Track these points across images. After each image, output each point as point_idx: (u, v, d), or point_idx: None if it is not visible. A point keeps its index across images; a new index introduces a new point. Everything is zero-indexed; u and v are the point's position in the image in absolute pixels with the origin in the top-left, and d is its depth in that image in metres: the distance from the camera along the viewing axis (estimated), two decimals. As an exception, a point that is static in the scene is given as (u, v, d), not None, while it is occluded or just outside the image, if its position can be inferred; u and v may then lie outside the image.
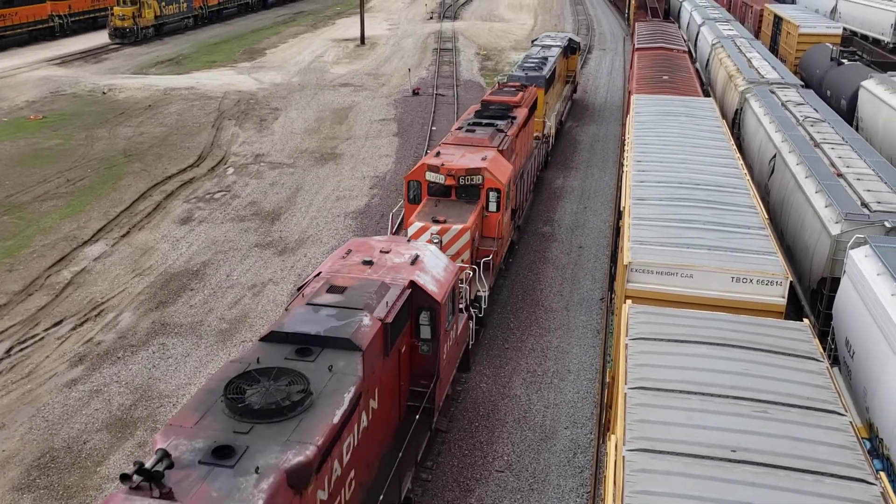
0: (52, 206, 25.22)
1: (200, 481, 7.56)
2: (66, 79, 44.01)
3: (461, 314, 14.03)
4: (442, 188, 17.58)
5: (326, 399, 8.93)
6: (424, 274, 12.24)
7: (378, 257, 12.56)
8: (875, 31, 51.68)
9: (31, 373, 16.30)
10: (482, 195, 17.56)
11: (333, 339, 9.91)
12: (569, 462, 13.90)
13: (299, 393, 8.81)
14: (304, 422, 8.53)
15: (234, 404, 8.57)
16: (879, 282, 11.79)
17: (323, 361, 9.59)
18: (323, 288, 11.16)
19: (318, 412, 8.70)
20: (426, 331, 12.10)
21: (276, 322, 10.42)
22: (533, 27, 65.85)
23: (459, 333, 13.80)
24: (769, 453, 7.87)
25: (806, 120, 21.26)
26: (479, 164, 17.56)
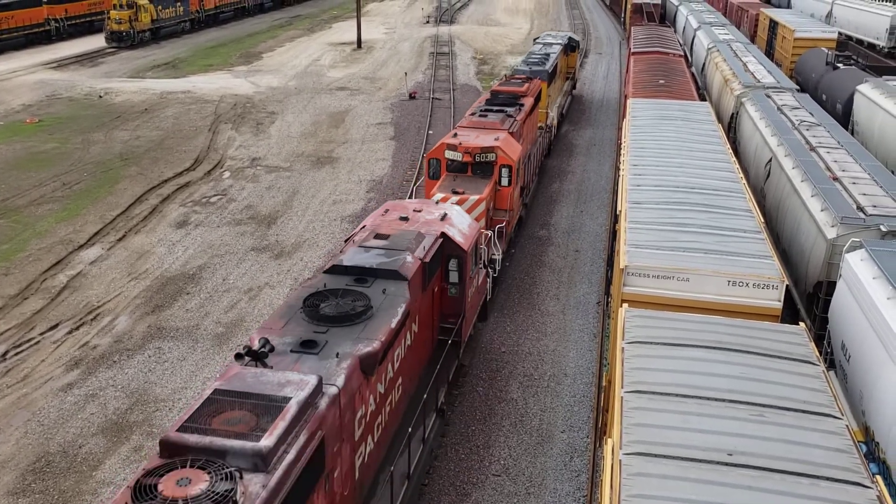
0: (48, 209, 25.18)
1: (294, 363, 9.61)
2: (62, 82, 43.97)
3: (481, 269, 16.03)
4: (459, 165, 19.74)
5: (383, 312, 11.04)
6: (452, 228, 14.32)
7: (412, 215, 14.58)
8: (870, 36, 51.86)
9: (26, 377, 16.26)
10: (495, 171, 19.68)
11: (384, 270, 12.04)
12: (565, 466, 13.90)
13: (363, 306, 10.93)
14: (369, 326, 10.62)
15: (312, 313, 10.68)
16: (875, 285, 11.80)
17: (377, 287, 11.66)
18: (370, 235, 13.38)
19: (378, 320, 10.81)
20: (454, 276, 14.23)
21: (335, 258, 12.64)
22: (529, 31, 65.94)
23: (480, 284, 15.97)
24: (765, 457, 7.88)
25: (801, 124, 21.31)
26: (493, 144, 19.75)
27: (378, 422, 10.93)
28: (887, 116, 23.92)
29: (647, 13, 56.17)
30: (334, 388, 9.16)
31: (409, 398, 12.33)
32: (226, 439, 7.77)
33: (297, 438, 8.17)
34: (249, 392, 8.49)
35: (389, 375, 11.16)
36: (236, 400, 8.37)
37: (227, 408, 8.24)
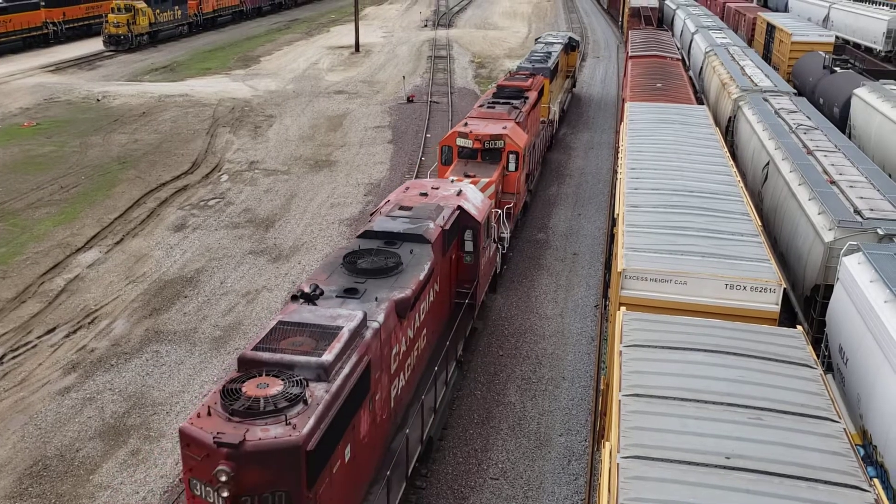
0: (45, 213, 25.16)
1: (340, 305, 11.14)
2: (60, 86, 43.96)
3: (492, 243, 17.62)
4: (470, 151, 21.25)
5: (412, 268, 12.69)
6: (467, 202, 15.90)
7: (431, 191, 16.19)
8: (867, 40, 51.97)
9: (23, 380, 16.23)
10: (503, 157, 21.20)
11: (411, 234, 13.69)
12: (563, 469, 13.89)
13: (394, 262, 12.61)
14: (400, 278, 12.28)
15: (351, 267, 12.38)
16: (872, 289, 11.81)
17: (405, 248, 13.27)
18: (395, 207, 15.12)
19: (407, 274, 12.45)
20: (469, 245, 15.88)
21: (366, 226, 14.28)
22: (527, 35, 66.04)
23: (491, 256, 17.60)
24: (763, 460, 7.87)
25: (799, 127, 21.34)
26: (501, 132, 21.28)
27: (408, 363, 12.62)
28: (884, 120, 23.96)
29: (645, 17, 56.26)
30: (376, 324, 10.84)
31: (431, 351, 14.00)
32: (293, 356, 9.53)
33: (350, 359, 9.90)
34: (308, 322, 10.29)
35: (417, 323, 12.86)
36: (297, 328, 10.16)
37: (290, 335, 10.00)
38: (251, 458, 8.32)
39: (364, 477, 10.69)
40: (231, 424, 8.54)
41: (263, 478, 8.45)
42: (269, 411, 8.66)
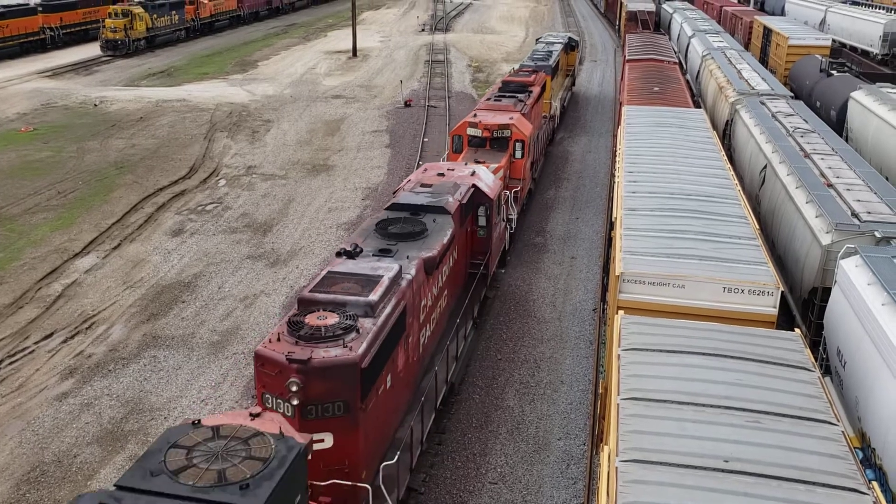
0: (42, 218, 25.13)
1: (376, 261, 12.74)
2: (57, 91, 43.96)
3: (502, 222, 19.15)
4: (479, 140, 22.77)
5: (435, 234, 14.36)
6: (481, 181, 17.52)
7: (447, 172, 17.79)
8: (864, 43, 52.07)
9: (21, 386, 16.20)
10: (510, 145, 22.75)
11: (433, 206, 15.37)
12: (562, 473, 13.87)
13: (421, 228, 14.38)
14: (426, 241, 14.00)
15: (383, 232, 14.11)
16: (870, 291, 11.82)
17: (428, 218, 14.87)
18: (417, 184, 16.90)
19: (432, 238, 14.16)
20: (482, 220, 17.54)
21: (392, 200, 15.99)
22: (525, 39, 66.14)
23: (501, 232, 19.29)
24: (762, 463, 7.87)
25: (796, 131, 21.38)
26: (508, 121, 22.96)
27: (433, 316, 14.33)
28: (881, 123, 24.01)
29: (642, 21, 56.37)
30: (409, 276, 12.59)
31: (451, 311, 15.71)
32: (345, 296, 11.32)
33: (390, 301, 11.59)
34: (353, 272, 12.08)
35: (440, 283, 14.55)
36: (345, 276, 11.93)
37: (339, 281, 11.78)
38: (317, 372, 9.96)
39: (401, 405, 12.54)
40: (298, 347, 10.21)
41: (326, 389, 10.07)
42: (329, 337, 10.38)
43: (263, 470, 7.44)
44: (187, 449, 7.66)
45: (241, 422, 8.22)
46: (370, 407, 10.69)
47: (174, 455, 7.59)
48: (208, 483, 7.21)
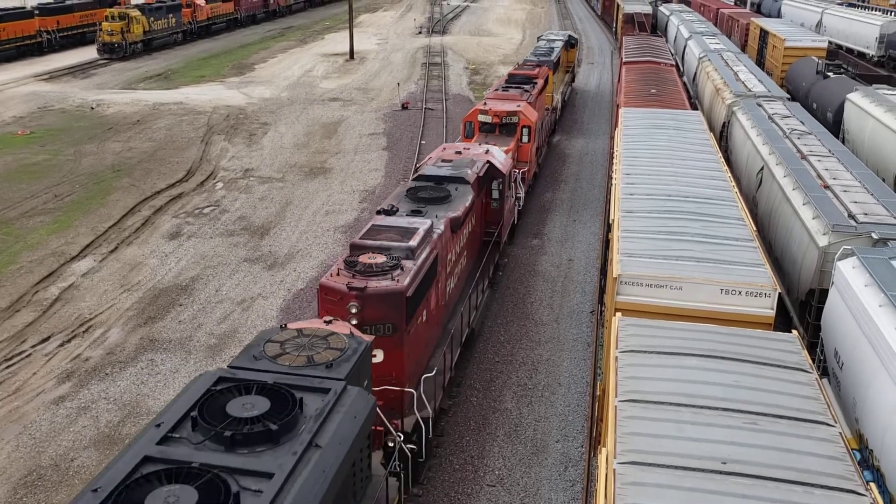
0: (39, 221, 25.10)
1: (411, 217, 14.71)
2: (54, 94, 43.92)
3: (511, 197, 21.25)
4: (489, 126, 24.89)
5: (458, 199, 16.35)
6: (494, 158, 19.46)
7: (464, 151, 19.89)
8: (860, 45, 52.19)
9: (17, 390, 16.16)
10: (518, 131, 24.85)
11: (455, 177, 17.37)
12: (560, 476, 13.87)
13: (446, 194, 16.30)
14: (451, 205, 15.99)
15: (413, 197, 16.07)
16: (867, 293, 11.83)
17: (451, 187, 16.79)
18: (438, 160, 19.04)
19: (455, 203, 16.17)
20: (496, 193, 19.55)
21: (418, 172, 18.21)
22: (521, 42, 66.21)
23: (511, 206, 21.35)
24: (759, 465, 7.87)
25: (793, 132, 21.41)
26: (516, 108, 25.15)
27: (456, 270, 16.28)
28: (877, 125, 24.05)
29: (639, 23, 56.46)
30: (439, 230, 14.64)
31: (469, 271, 17.60)
32: (389, 242, 13.34)
33: (425, 248, 13.62)
34: (394, 225, 14.13)
35: (462, 243, 16.54)
36: (387, 228, 13.97)
37: (382, 232, 13.80)
38: (371, 298, 11.98)
39: (432, 340, 14.52)
40: (355, 279, 12.18)
41: (379, 313, 12.02)
42: (379, 272, 12.37)
43: (341, 356, 9.43)
44: (280, 343, 9.69)
45: (319, 326, 10.43)
46: (412, 331, 12.75)
47: (271, 346, 9.60)
48: (300, 364, 9.22)
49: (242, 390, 8.29)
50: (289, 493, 6.95)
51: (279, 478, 7.02)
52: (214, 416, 7.74)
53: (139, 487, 6.79)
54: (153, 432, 7.62)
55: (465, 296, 16.54)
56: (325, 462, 7.55)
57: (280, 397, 8.10)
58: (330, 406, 8.25)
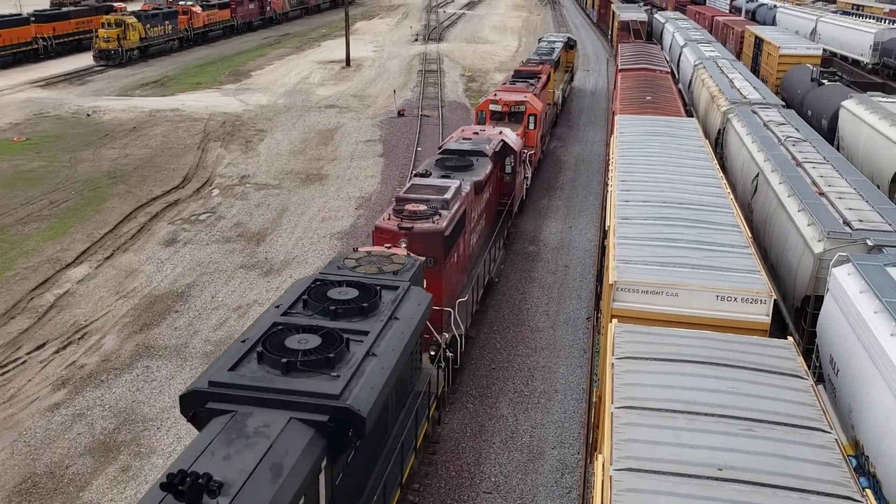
0: (35, 228, 25.06)
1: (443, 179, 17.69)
2: (50, 101, 43.90)
3: (521, 174, 24.02)
4: (499, 114, 27.86)
5: (479, 168, 19.37)
6: (507, 138, 22.62)
7: (480, 131, 22.96)
8: (854, 52, 52.42)
9: (12, 397, 16.11)
10: (525, 119, 27.94)
11: (475, 151, 20.51)
12: (556, 482, 13.85)
13: (468, 163, 19.39)
14: (473, 172, 18.94)
15: (442, 165, 19.18)
16: (862, 299, 11.86)
17: (472, 158, 19.87)
18: (459, 138, 21.98)
19: (477, 170, 19.16)
20: (508, 168, 22.76)
21: (443, 147, 21.19)
22: (517, 49, 66.36)
23: (520, 181, 24.15)
24: (756, 471, 7.87)
25: (788, 139, 21.47)
26: (523, 98, 28.35)
27: (477, 228, 19.12)
28: (872, 132, 24.14)
29: (634, 30, 56.60)
30: (465, 190, 17.45)
31: (486, 235, 20.28)
32: (428, 195, 16.31)
33: (456, 202, 16.49)
34: (430, 184, 17.19)
35: (481, 206, 19.37)
36: (424, 186, 16.99)
37: (421, 189, 16.77)
38: (417, 236, 14.96)
39: (461, 280, 17.33)
40: (404, 221, 15.28)
41: (423, 248, 14.68)
42: (422, 217, 15.45)
43: (403, 267, 12.70)
44: (356, 259, 12.91)
45: (382, 250, 13.66)
46: (448, 265, 15.65)
47: (349, 261, 12.82)
48: (373, 272, 12.34)
49: (337, 284, 11.46)
50: (380, 344, 10.15)
51: (372, 335, 10.21)
52: (319, 299, 10.94)
53: (277, 336, 9.87)
54: (275, 311, 10.75)
55: (484, 252, 19.44)
56: (401, 328, 10.75)
57: (365, 289, 11.30)
58: (400, 297, 11.43)
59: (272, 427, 8.35)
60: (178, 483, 7.09)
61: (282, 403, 8.73)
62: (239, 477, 7.52)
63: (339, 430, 8.72)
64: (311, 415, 8.64)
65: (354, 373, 9.30)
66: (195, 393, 8.98)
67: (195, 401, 8.95)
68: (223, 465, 7.70)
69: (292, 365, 9.23)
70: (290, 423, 8.47)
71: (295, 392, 8.84)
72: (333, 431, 8.68)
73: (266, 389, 8.89)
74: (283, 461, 7.92)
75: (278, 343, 9.62)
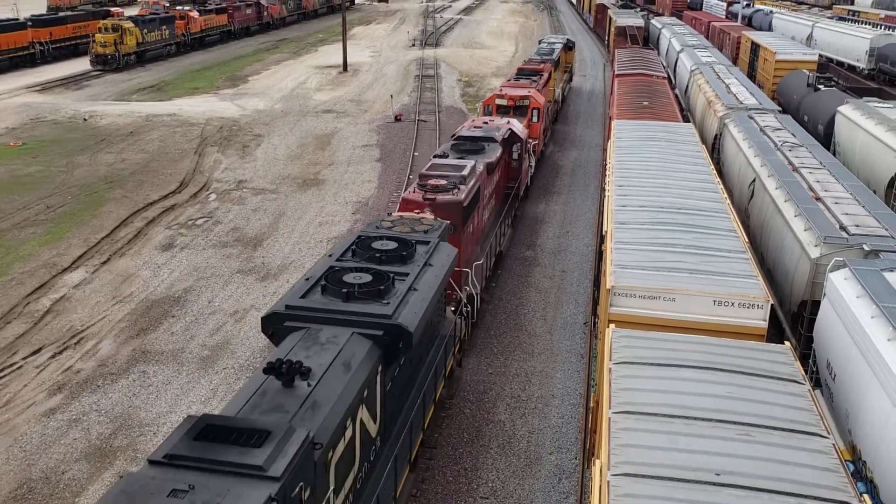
0: (31, 233, 25.02)
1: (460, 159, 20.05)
2: (46, 105, 43.87)
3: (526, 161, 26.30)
4: (505, 108, 29.75)
5: (490, 152, 21.52)
6: (515, 127, 24.82)
7: (489, 121, 25.48)
8: (850, 58, 52.57)
9: (8, 402, 16.06)
10: (529, 112, 29.83)
11: (486, 137, 22.71)
12: (554, 488, 13.83)
13: (481, 147, 21.62)
14: (486, 154, 21.22)
15: (457, 148, 21.38)
16: (859, 304, 11.87)
17: (484, 143, 21.99)
18: (470, 127, 24.31)
19: (489, 153, 21.32)
20: (515, 154, 24.73)
21: (455, 135, 23.50)
22: (514, 54, 66.46)
23: (526, 167, 26.54)
24: (753, 476, 7.87)
25: (784, 145, 21.52)
26: (527, 93, 30.47)
27: (490, 205, 21.12)
28: (868, 137, 24.19)
29: (631, 36, 56.73)
30: (479, 169, 19.55)
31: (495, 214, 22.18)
32: (448, 172, 18.53)
33: (472, 179, 18.57)
34: (448, 163, 19.40)
35: (492, 186, 21.34)
36: (444, 164, 19.26)
37: (440, 168, 18.96)
38: (440, 206, 16.99)
39: (475, 248, 18.87)
40: (428, 194, 17.36)
41: (444, 216, 16.25)
42: (443, 190, 17.51)
43: (432, 228, 15.01)
44: (391, 222, 15.17)
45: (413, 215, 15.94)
46: (465, 232, 17.54)
47: (385, 223, 15.03)
48: (407, 231, 14.53)
49: (378, 238, 13.71)
50: (419, 282, 12.36)
51: (412, 276, 12.45)
52: (365, 249, 13.25)
53: (336, 274, 12.06)
54: (328, 259, 13.08)
55: (494, 227, 21.41)
56: (434, 272, 13.01)
57: (403, 242, 13.58)
58: (432, 250, 13.69)
59: (339, 338, 10.60)
60: (278, 368, 9.35)
61: (345, 322, 10.98)
62: (319, 369, 9.78)
63: (392, 342, 10.99)
64: (369, 330, 10.90)
65: (401, 301, 11.54)
66: (275, 315, 11.23)
67: (275, 321, 11.20)
68: (306, 361, 9.77)
69: (351, 294, 11.44)
70: (353, 336, 10.73)
71: (355, 314, 11.10)
72: (387, 343, 10.96)
73: (332, 311, 11.15)
74: (351, 361, 10.25)
75: (337, 279, 11.82)
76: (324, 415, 9.09)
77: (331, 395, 9.44)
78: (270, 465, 7.71)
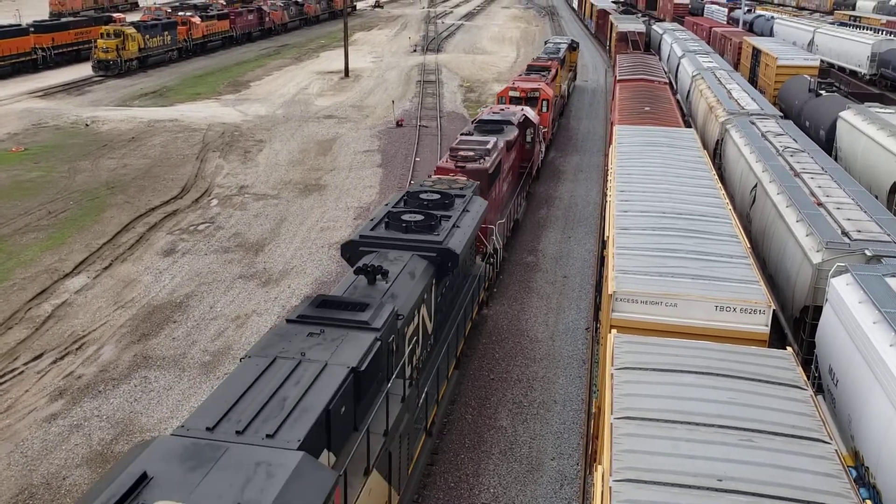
0: (33, 238, 25.04)
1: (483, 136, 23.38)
2: (48, 111, 43.95)
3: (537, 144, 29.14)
4: (517, 99, 32.56)
5: (508, 132, 24.39)
6: (529, 113, 27.76)
7: (505, 108, 28.38)
8: (852, 63, 52.60)
9: (9, 407, 16.06)
10: (539, 103, 32.80)
11: (504, 120, 25.43)
12: (555, 494, 13.80)
13: (501, 128, 24.43)
14: (505, 133, 24.14)
15: (480, 129, 24.38)
16: (861, 310, 11.85)
17: (503, 125, 24.70)
18: (489, 112, 27.22)
19: (507, 134, 24.27)
20: (529, 136, 27.72)
21: (475, 120, 26.31)
22: (516, 59, 66.54)
23: (538, 150, 29.50)
24: (755, 482, 7.85)
25: (786, 150, 21.51)
26: (537, 86, 33.63)
27: (507, 179, 23.74)
28: (870, 142, 24.18)
29: (632, 41, 56.80)
30: (500, 145, 22.42)
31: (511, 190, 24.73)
32: (474, 146, 21.51)
33: (494, 152, 21.51)
34: (474, 139, 22.36)
35: (510, 162, 24.15)
36: (470, 140, 22.10)
37: (467, 143, 21.89)
38: (469, 172, 19.92)
39: (497, 214, 21.14)
40: (458, 162, 20.56)
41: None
42: (471, 159, 20.65)
43: (465, 186, 17.96)
44: (431, 182, 18.26)
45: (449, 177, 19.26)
46: (489, 197, 19.43)
47: (426, 183, 18.19)
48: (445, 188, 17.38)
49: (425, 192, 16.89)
50: (461, 221, 15.62)
51: (454, 218, 15.57)
52: (415, 199, 16.46)
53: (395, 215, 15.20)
54: (385, 207, 16.11)
55: (511, 199, 24.13)
56: (471, 216, 16.15)
57: (445, 194, 16.68)
58: (467, 201, 16.76)
59: (403, 257, 13.86)
60: (365, 269, 12.77)
61: (407, 247, 14.27)
62: (392, 275, 12.99)
63: (442, 261, 14.25)
64: (425, 253, 14.21)
65: (447, 234, 14.81)
66: (352, 242, 14.65)
67: (352, 247, 14.55)
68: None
69: (409, 227, 14.79)
70: (413, 257, 14.01)
71: (414, 241, 14.45)
72: (439, 263, 14.22)
73: (397, 239, 14.52)
74: (414, 272, 13.49)
75: (397, 218, 15.02)
76: (401, 301, 12.39)
77: (403, 290, 12.74)
78: (373, 321, 11.01)
